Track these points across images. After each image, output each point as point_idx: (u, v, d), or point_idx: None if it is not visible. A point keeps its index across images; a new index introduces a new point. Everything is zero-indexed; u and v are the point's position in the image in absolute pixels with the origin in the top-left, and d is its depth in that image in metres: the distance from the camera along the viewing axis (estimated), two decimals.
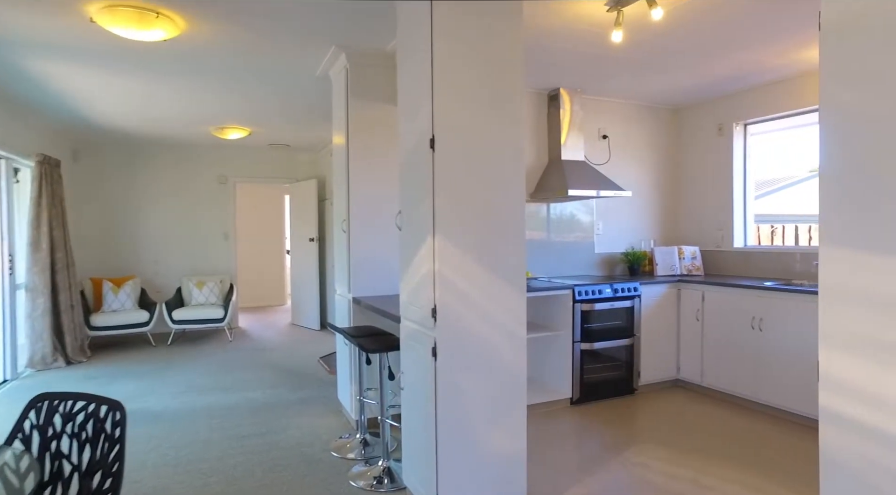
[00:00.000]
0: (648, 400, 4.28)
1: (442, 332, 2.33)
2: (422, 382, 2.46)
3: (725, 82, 4.49)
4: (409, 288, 2.61)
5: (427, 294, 2.38)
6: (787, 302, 3.74)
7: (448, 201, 2.33)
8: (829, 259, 1.26)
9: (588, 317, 4.23)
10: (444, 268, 2.32)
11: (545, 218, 4.81)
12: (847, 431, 1.23)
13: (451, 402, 2.35)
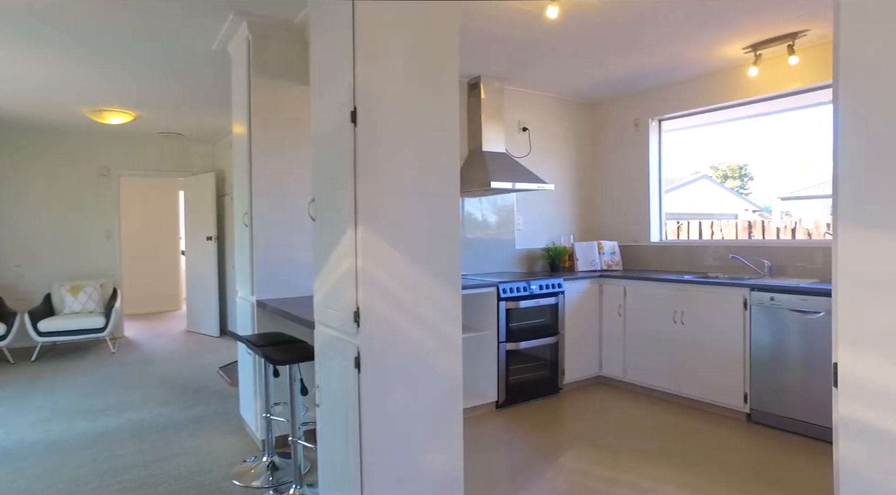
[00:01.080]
0: (574, 400, 4.18)
1: (366, 339, 2.00)
2: (342, 397, 2.11)
3: (643, 77, 4.50)
4: (326, 288, 2.25)
5: (348, 295, 2.04)
6: (706, 294, 3.77)
7: (373, 186, 2.00)
8: (853, 244, 1.08)
9: (513, 315, 4.05)
10: (369, 264, 1.99)
11: (463, 213, 4.59)
12: (875, 443, 1.06)
13: (379, 420, 2.03)
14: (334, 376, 2.19)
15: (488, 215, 4.72)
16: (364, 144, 1.98)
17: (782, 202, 12.63)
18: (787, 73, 3.89)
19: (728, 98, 4.25)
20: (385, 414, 2.04)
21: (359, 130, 1.98)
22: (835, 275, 1.14)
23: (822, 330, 3.20)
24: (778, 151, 5.87)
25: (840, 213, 1.12)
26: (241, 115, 3.40)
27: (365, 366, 1.99)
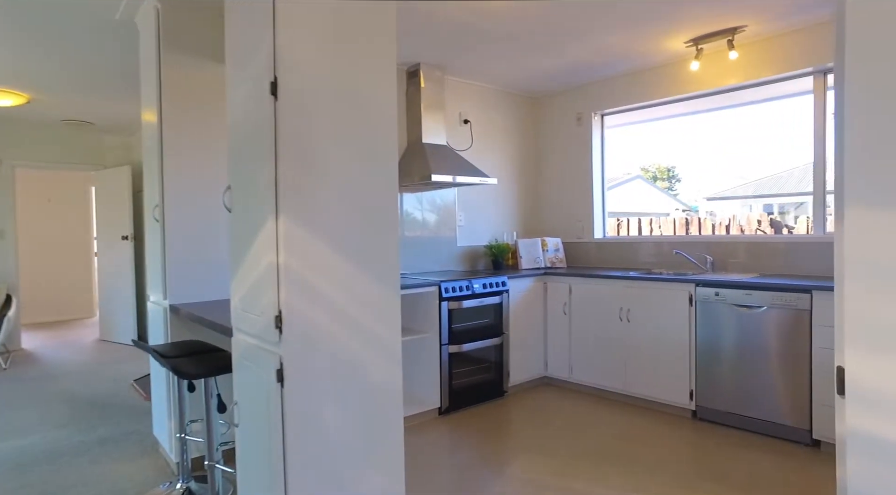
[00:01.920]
0: (520, 403, 4.02)
1: (291, 348, 1.71)
2: (263, 416, 1.82)
3: (586, 70, 4.41)
4: (244, 289, 1.94)
5: (268, 296, 1.75)
6: (651, 291, 3.70)
7: (297, 170, 1.72)
8: (864, 234, 0.92)
9: (456, 316, 3.83)
10: (293, 260, 1.71)
11: (402, 209, 4.34)
12: (891, 460, 0.90)
13: (306, 439, 1.75)
14: (254, 390, 1.88)
15: (428, 212, 4.49)
16: (286, 120, 1.70)
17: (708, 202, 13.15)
18: (727, 68, 3.89)
19: (670, 93, 4.22)
20: (313, 432, 1.76)
21: (280, 104, 1.69)
22: (840, 269, 0.98)
23: (765, 324, 3.18)
24: (703, 154, 6.00)
25: (849, 200, 0.96)
26: (150, 96, 3.00)
27: (289, 378, 1.71)
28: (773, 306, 3.15)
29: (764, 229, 4.27)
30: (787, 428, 3.13)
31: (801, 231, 4.09)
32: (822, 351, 2.96)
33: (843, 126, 0.99)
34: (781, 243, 3.71)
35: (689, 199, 14.03)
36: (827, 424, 2.96)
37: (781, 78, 3.72)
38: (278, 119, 1.69)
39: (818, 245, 3.52)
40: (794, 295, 3.06)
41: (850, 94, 0.97)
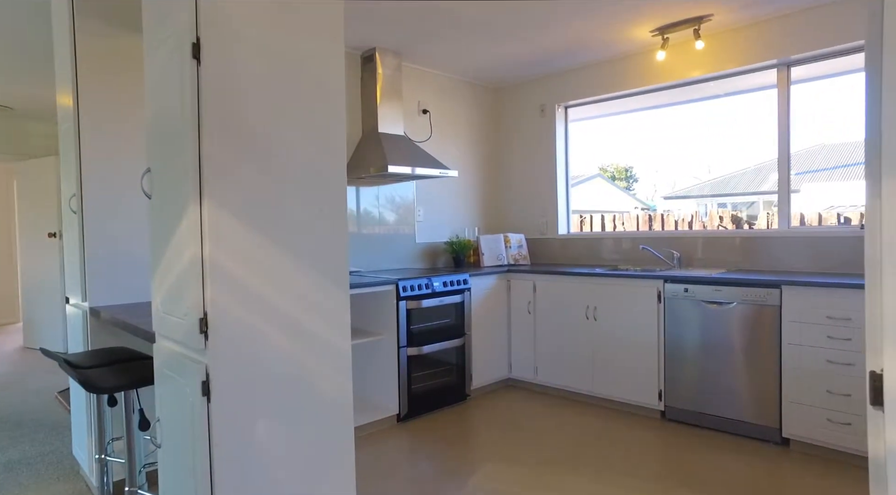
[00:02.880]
0: (483, 407, 3.82)
1: (218, 355, 1.45)
2: (187, 435, 1.54)
3: (549, 60, 4.25)
4: (166, 288, 1.66)
5: (192, 296, 1.47)
6: (619, 288, 3.56)
7: (226, 147, 1.46)
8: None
9: (415, 316, 3.60)
10: (221, 252, 1.45)
11: (357, 203, 4.08)
12: None
13: (239, 463, 1.48)
14: (177, 406, 1.60)
15: (385, 207, 4.24)
16: (212, 89, 1.43)
17: (665, 201, 13.39)
18: (693, 58, 3.80)
19: (636, 84, 4.11)
20: (247, 453, 1.50)
21: (204, 70, 1.43)
22: (875, 260, 0.81)
23: (734, 321, 3.08)
24: (662, 153, 6.00)
25: (889, 183, 0.78)
26: (64, 71, 2.64)
27: (217, 391, 1.44)
28: (742, 302, 3.05)
29: (725, 225, 4.22)
30: (757, 427, 3.04)
31: (762, 227, 4.05)
32: (792, 347, 2.87)
33: (880, 108, 0.82)
34: (746, 238, 3.64)
35: (647, 199, 14.24)
36: (796, 422, 2.87)
37: (745, 70, 3.65)
38: (202, 87, 1.42)
39: (784, 240, 3.46)
40: (764, 290, 2.97)
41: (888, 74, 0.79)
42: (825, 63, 3.42)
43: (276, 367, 1.55)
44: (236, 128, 1.48)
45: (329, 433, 1.67)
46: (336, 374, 1.69)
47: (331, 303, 1.68)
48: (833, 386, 2.74)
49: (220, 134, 1.45)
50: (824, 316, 2.76)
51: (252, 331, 1.50)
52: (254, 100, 1.51)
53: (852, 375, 2.68)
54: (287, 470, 1.58)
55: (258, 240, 1.52)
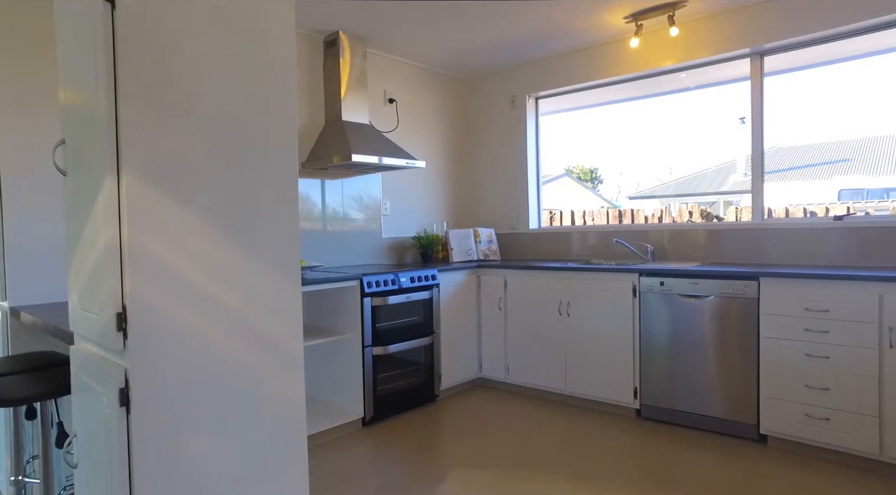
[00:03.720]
0: (453, 408, 3.64)
1: (141, 357, 1.23)
2: (104, 455, 1.31)
3: (519, 48, 4.10)
4: (83, 279, 1.43)
5: (108, 286, 1.25)
6: (593, 282, 3.43)
7: (150, 109, 1.24)
8: None
9: (380, 313, 3.40)
10: (144, 235, 1.23)
11: (321, 196, 3.85)
12: None
13: (168, 488, 1.26)
14: (93, 418, 1.37)
15: (350, 200, 4.02)
16: (131, 39, 1.21)
17: (630, 201, 13.51)
18: (667, 47, 3.70)
19: (608, 73, 3.99)
20: (176, 473, 1.28)
21: (121, 16, 1.21)
22: None
23: (711, 315, 2.98)
24: (628, 152, 5.98)
25: None
26: None
27: (139, 400, 1.22)
28: (719, 295, 2.95)
29: (695, 220, 4.15)
30: (735, 424, 2.94)
31: (731, 220, 3.99)
32: (770, 341, 2.78)
33: None
34: (718, 231, 3.55)
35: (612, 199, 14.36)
36: (774, 418, 2.78)
37: (718, 59, 3.57)
38: (118, 37, 1.20)
39: (757, 232, 3.39)
40: (741, 282, 2.87)
41: None
42: (798, 54, 3.37)
43: (214, 370, 1.34)
44: (163, 88, 1.26)
45: (278, 443, 1.47)
46: (286, 376, 1.49)
47: (281, 297, 1.48)
48: (811, 380, 2.66)
49: (143, 94, 1.23)
50: (802, 308, 2.67)
51: (183, 328, 1.29)
52: (185, 55, 1.30)
53: (830, 368, 2.60)
54: (227, 484, 1.37)
55: (192, 221, 1.31)
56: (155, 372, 1.24)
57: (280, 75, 1.48)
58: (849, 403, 2.56)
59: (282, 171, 1.49)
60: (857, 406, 2.54)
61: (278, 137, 1.48)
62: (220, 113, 1.36)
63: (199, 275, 1.32)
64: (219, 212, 1.36)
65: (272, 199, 1.47)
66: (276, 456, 1.47)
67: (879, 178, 6.52)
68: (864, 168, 6.68)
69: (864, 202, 5.12)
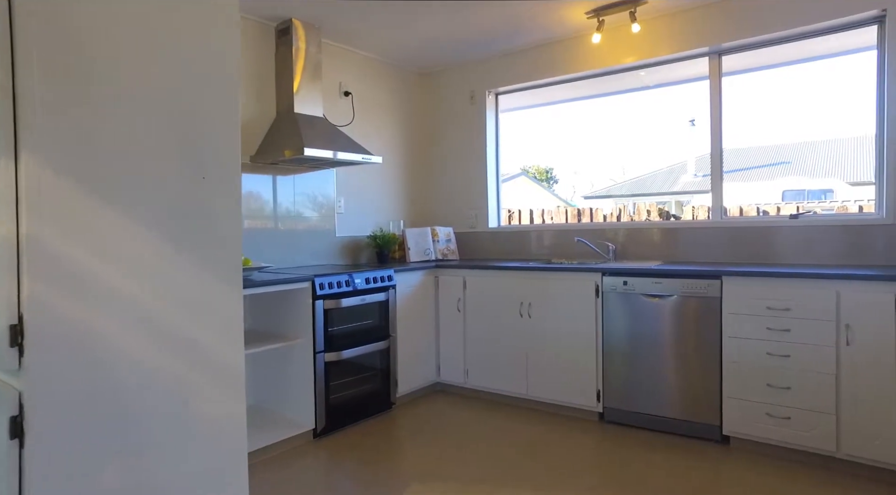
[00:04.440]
0: (410, 416, 3.49)
1: (42, 377, 1.03)
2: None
3: (479, 43, 3.99)
4: None
5: (2, 291, 1.04)
6: (555, 282, 3.35)
7: (55, 80, 1.04)
8: None
9: (333, 317, 3.21)
10: (47, 229, 1.03)
11: (272, 193, 3.63)
12: None
13: None
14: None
15: (303, 197, 3.81)
16: None
17: (585, 200, 13.69)
18: (628, 43, 3.67)
19: (569, 69, 3.93)
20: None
21: None
22: None
23: (674, 314, 2.94)
24: (583, 152, 6.01)
25: None
26: None
27: (35, 431, 1.02)
28: (682, 295, 2.91)
29: (652, 219, 4.15)
30: (697, 425, 2.91)
31: (687, 218, 4.00)
32: (732, 340, 2.76)
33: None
34: (679, 229, 3.54)
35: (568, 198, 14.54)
36: (736, 418, 2.76)
37: (679, 57, 3.56)
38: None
39: (717, 230, 3.39)
40: (704, 281, 2.84)
41: None
42: (746, 57, 3.40)
43: (131, 390, 1.15)
44: (71, 55, 1.07)
45: (214, 463, 1.28)
46: (222, 392, 1.31)
47: (217, 303, 1.30)
48: (772, 380, 2.65)
49: (46, 62, 1.03)
50: (764, 306, 2.66)
51: (94, 342, 1.09)
52: (99, 18, 1.10)
53: (791, 367, 2.60)
54: None
55: (109, 214, 1.11)
56: (57, 395, 1.04)
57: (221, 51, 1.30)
58: (808, 402, 2.56)
59: (221, 161, 1.31)
60: (816, 404, 2.54)
61: (218, 124, 1.30)
62: (142, 86, 1.17)
63: (115, 277, 1.12)
64: (143, 205, 1.17)
65: (209, 192, 1.29)
66: (212, 476, 1.28)
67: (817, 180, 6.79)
68: (803, 170, 6.95)
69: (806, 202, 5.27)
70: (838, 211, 3.37)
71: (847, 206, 3.41)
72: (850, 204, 3.42)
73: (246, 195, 3.44)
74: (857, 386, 2.44)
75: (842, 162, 6.94)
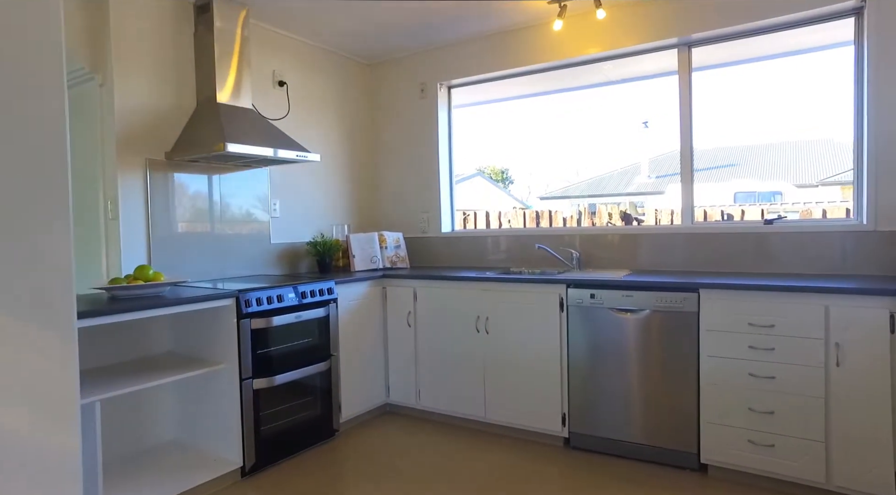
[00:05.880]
0: (355, 445, 3.09)
1: None
2: None
3: (430, 29, 3.62)
4: None
5: None
6: (515, 295, 3.02)
7: None
8: None
9: (263, 337, 2.79)
10: None
11: (194, 196, 3.16)
12: None
13: None
14: None
15: (231, 200, 3.35)
16: None
17: (541, 201, 13.58)
18: (592, 33, 3.38)
19: (527, 61, 3.62)
20: None
21: None
22: None
23: (647, 331, 2.66)
24: (539, 151, 5.80)
25: None
26: None
27: None
28: (655, 309, 2.63)
29: (615, 222, 3.90)
30: (673, 453, 2.64)
31: (650, 224, 3.76)
32: (711, 360, 2.50)
33: None
34: (647, 235, 3.28)
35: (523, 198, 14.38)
36: (715, 445, 2.50)
37: (645, 49, 3.30)
38: None
39: (687, 237, 3.14)
40: (680, 295, 2.57)
41: None
42: (723, 48, 3.17)
43: None
44: None
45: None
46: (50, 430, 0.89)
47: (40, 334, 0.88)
48: (755, 403, 2.39)
49: None
50: (745, 323, 2.40)
51: None
52: None
53: (775, 390, 2.35)
54: None
55: None
56: None
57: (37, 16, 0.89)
58: (794, 428, 2.32)
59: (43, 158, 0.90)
60: (803, 430, 2.30)
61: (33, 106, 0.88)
62: None
63: None
64: None
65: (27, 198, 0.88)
66: None
67: (766, 182, 6.76)
68: (749, 172, 6.93)
69: (758, 203, 5.15)
70: (802, 215, 3.18)
71: (811, 210, 3.23)
72: (812, 206, 3.24)
73: (161, 198, 2.96)
74: (848, 412, 2.21)
75: (789, 165, 6.96)
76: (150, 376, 2.42)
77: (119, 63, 2.80)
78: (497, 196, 13.56)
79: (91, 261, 3.05)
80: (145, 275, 2.50)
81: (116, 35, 2.79)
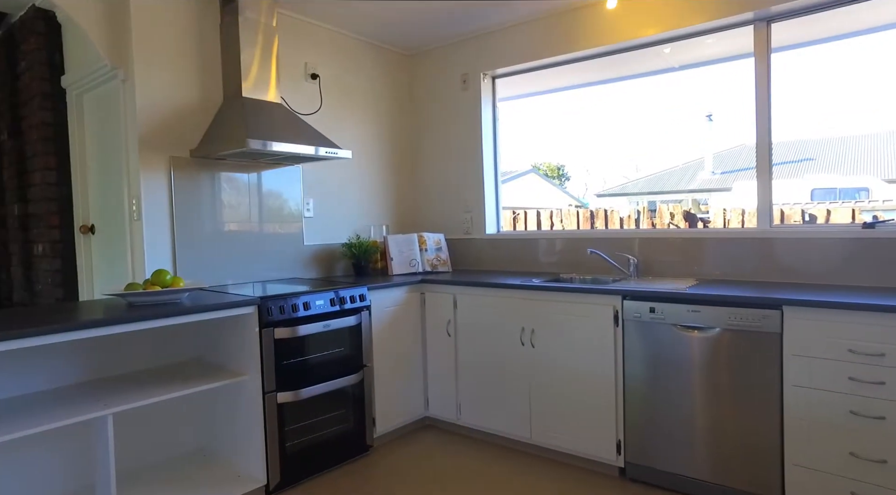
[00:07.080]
0: (391, 462, 2.86)
1: None
2: None
3: (472, 15, 3.33)
4: None
5: None
6: (563, 304, 2.70)
7: None
8: None
9: (288, 348, 2.59)
10: None
11: (220, 194, 3.01)
12: None
13: None
14: None
15: (262, 201, 3.19)
16: None
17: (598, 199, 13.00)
18: (651, 11, 3.00)
19: (579, 46, 3.27)
20: None
21: None
22: None
23: (718, 353, 2.29)
24: (591, 150, 5.40)
25: None
26: None
27: None
28: (728, 327, 2.26)
29: (677, 223, 3.49)
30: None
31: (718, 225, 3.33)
32: (797, 390, 2.10)
33: None
34: (715, 240, 2.88)
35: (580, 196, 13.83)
36: (805, 493, 2.11)
37: (713, 27, 2.89)
38: None
39: (764, 242, 2.72)
40: (759, 312, 2.18)
41: None
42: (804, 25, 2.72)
43: None
44: None
45: None
46: None
47: None
48: (859, 448, 1.99)
49: None
50: (844, 349, 2.00)
51: None
52: None
53: (888, 433, 1.94)
54: None
55: None
56: None
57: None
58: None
59: None
60: None
61: None
62: None
63: None
64: None
65: None
66: None
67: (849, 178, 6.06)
68: (827, 167, 6.22)
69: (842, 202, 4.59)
70: None
71: None
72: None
73: (186, 197, 2.82)
74: None
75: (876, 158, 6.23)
76: (166, 388, 2.26)
77: (141, 56, 2.66)
78: (552, 193, 13.07)
79: (118, 263, 2.96)
80: (162, 281, 2.35)
81: (138, 25, 2.65)
